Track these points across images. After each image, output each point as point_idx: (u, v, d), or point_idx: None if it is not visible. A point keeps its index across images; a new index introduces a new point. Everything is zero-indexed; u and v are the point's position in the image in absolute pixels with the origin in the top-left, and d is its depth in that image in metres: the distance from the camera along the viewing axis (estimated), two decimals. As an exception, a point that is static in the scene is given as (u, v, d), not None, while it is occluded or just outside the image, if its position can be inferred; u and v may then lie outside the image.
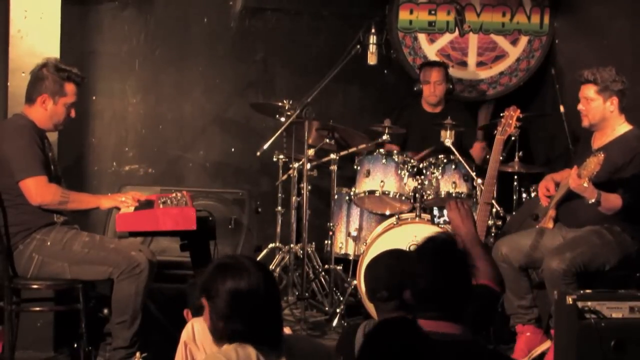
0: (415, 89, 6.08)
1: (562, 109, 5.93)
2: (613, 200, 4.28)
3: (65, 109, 4.30)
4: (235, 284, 2.57)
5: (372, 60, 5.54)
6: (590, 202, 4.21)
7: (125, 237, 4.28)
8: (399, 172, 5.43)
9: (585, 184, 4.14)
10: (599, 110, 4.50)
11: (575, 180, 4.18)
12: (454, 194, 5.37)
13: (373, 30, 5.50)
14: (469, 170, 5.39)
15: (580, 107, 4.57)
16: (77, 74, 4.31)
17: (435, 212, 3.68)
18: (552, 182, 4.69)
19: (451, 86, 6.00)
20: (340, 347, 3.36)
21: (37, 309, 4.52)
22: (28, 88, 4.30)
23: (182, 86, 6.42)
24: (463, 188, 5.39)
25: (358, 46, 5.43)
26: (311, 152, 5.58)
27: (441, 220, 3.58)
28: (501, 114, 5.06)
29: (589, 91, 4.51)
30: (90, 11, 6.19)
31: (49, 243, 4.16)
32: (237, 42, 6.42)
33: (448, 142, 5.36)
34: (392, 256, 3.46)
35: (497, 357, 3.01)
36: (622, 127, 4.52)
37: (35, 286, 4.22)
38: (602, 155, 4.07)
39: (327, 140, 5.60)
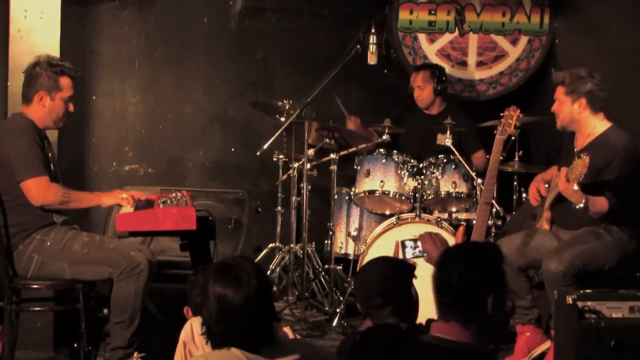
0: (408, 92, 6.06)
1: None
2: (600, 204, 4.23)
3: (64, 103, 4.28)
4: (223, 289, 2.54)
5: (372, 60, 5.54)
6: (577, 206, 4.17)
7: (125, 237, 4.28)
8: (399, 172, 5.43)
9: (575, 187, 4.10)
10: (567, 112, 4.49)
11: (564, 184, 4.14)
12: (454, 194, 5.38)
13: (373, 30, 5.50)
14: (469, 170, 5.40)
15: (553, 108, 4.58)
16: (70, 67, 4.30)
17: (410, 243, 3.60)
18: (542, 183, 4.68)
19: (439, 87, 5.89)
20: (342, 352, 3.35)
21: (37, 309, 4.52)
22: (23, 88, 4.29)
23: (182, 86, 6.41)
24: (463, 188, 5.40)
25: (358, 46, 5.43)
26: (311, 152, 5.58)
27: (416, 251, 3.50)
28: (501, 114, 5.05)
29: (559, 93, 4.51)
30: (90, 11, 6.19)
31: (48, 243, 4.16)
32: (237, 42, 6.42)
33: (448, 143, 5.36)
34: (381, 263, 3.46)
35: None
36: (601, 125, 4.47)
37: (35, 286, 4.22)
38: (587, 157, 4.00)
39: (327, 140, 5.59)
